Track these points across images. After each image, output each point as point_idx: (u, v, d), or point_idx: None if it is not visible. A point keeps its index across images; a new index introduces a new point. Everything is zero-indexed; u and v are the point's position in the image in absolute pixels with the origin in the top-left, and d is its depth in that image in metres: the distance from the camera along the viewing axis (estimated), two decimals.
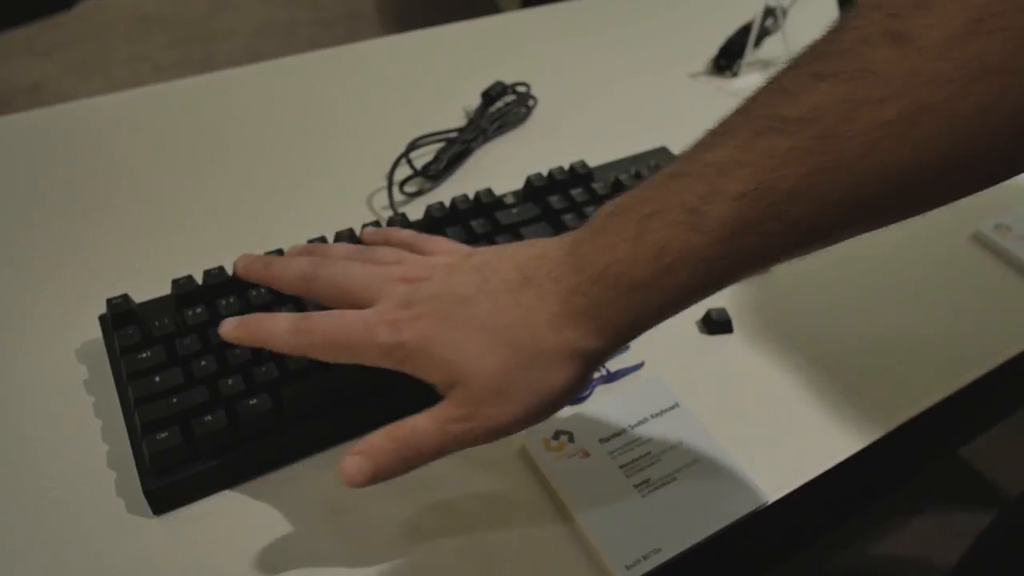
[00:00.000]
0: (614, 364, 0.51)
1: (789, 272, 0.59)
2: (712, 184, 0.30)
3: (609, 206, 0.35)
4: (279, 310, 0.48)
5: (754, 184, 0.29)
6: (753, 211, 0.29)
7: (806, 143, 0.28)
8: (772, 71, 0.31)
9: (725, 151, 0.30)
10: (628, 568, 0.40)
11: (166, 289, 0.50)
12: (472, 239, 0.54)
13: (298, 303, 0.49)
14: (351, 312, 0.38)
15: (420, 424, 0.35)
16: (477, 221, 0.55)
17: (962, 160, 0.27)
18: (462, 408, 0.34)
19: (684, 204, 0.31)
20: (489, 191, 0.57)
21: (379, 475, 0.35)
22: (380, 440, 0.35)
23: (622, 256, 0.32)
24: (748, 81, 0.82)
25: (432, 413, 0.35)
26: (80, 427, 0.46)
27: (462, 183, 0.66)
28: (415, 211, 0.62)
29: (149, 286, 0.51)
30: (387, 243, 0.45)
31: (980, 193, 0.34)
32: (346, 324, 0.37)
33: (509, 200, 0.58)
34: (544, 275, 0.35)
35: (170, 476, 0.41)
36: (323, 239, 0.52)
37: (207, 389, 0.44)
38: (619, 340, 0.35)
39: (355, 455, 0.35)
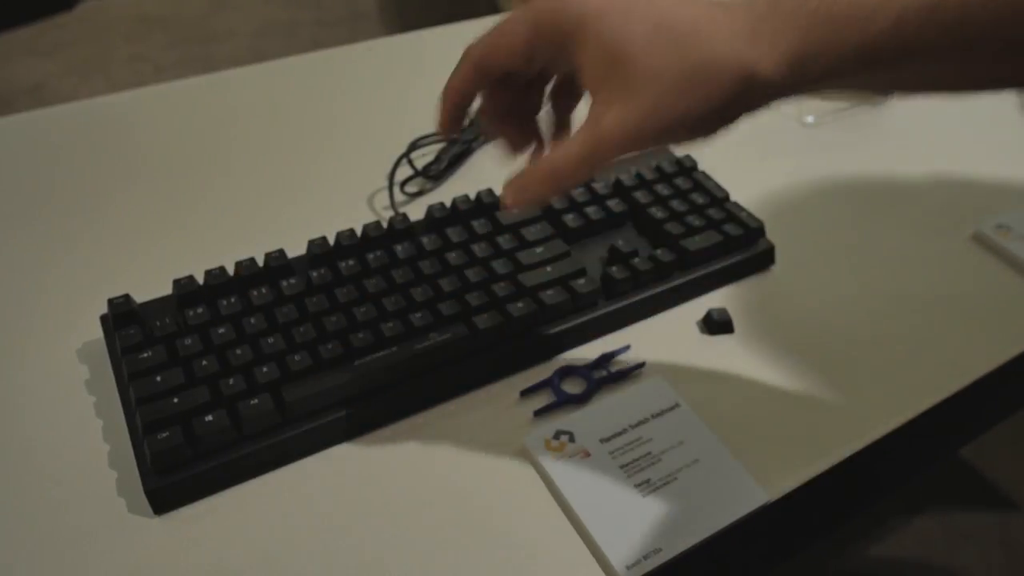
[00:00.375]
0: (615, 364, 0.51)
1: (789, 272, 0.59)
2: None
3: None
4: (281, 310, 0.48)
5: None
6: None
7: None
8: None
9: None
10: (629, 568, 0.40)
11: (167, 289, 0.50)
12: (473, 239, 0.54)
13: (300, 304, 0.49)
14: None
15: (571, 148, 0.34)
16: (478, 221, 0.55)
17: None
18: (615, 112, 0.33)
19: None
20: (490, 191, 0.57)
21: (534, 201, 0.37)
22: (531, 169, 0.36)
23: None
24: None
25: (579, 134, 0.34)
26: (81, 427, 0.46)
27: (463, 183, 0.67)
28: (416, 211, 0.62)
29: (150, 286, 0.51)
30: None
31: (981, 194, 0.34)
32: None
33: None
34: None
35: (171, 476, 0.42)
36: (324, 239, 0.53)
37: (208, 389, 0.44)
38: (790, 77, 0.32)
39: (509, 186, 0.37)
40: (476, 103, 0.40)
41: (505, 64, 0.36)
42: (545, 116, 0.42)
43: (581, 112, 0.37)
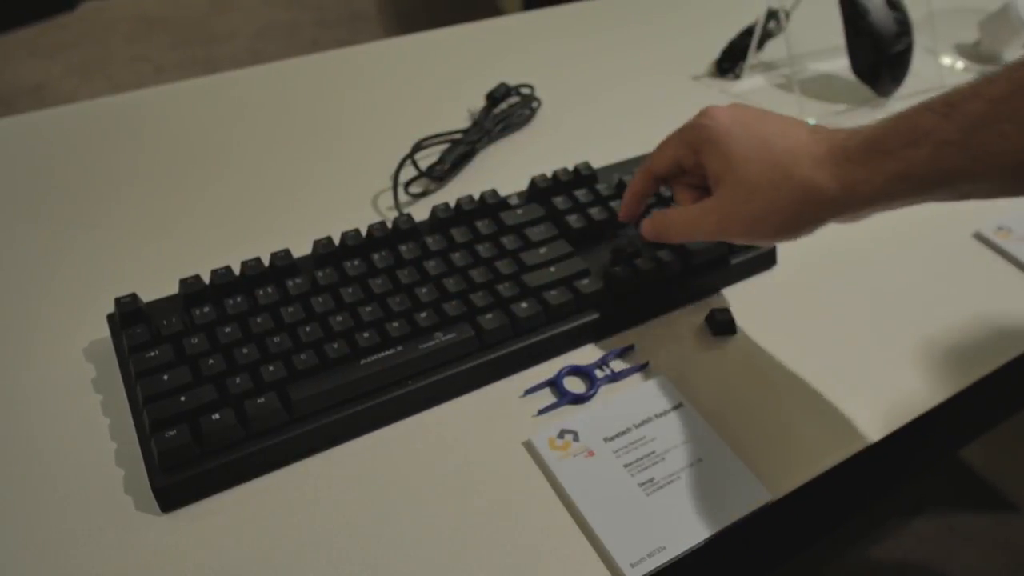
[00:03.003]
0: (619, 364, 0.51)
1: (791, 273, 0.59)
2: (976, 88, 0.37)
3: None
4: (287, 309, 0.48)
5: (1007, 89, 0.36)
6: (997, 111, 0.36)
7: None
8: (773, 74, 0.31)
9: (1000, 72, 0.37)
10: (633, 566, 0.40)
11: (174, 289, 0.50)
12: (477, 240, 0.55)
13: (306, 304, 0.49)
14: None
15: (682, 213, 0.48)
16: (482, 222, 0.56)
17: None
18: (713, 202, 0.46)
19: (947, 100, 0.38)
20: (494, 192, 0.58)
21: (653, 239, 0.51)
22: (657, 216, 0.50)
23: (883, 130, 0.40)
24: (750, 83, 0.83)
25: (692, 206, 0.47)
26: (88, 425, 0.46)
27: (467, 184, 0.67)
28: (420, 212, 0.62)
29: (157, 286, 0.52)
30: None
31: None
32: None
33: (514, 201, 0.58)
34: (829, 132, 0.44)
35: (178, 474, 0.42)
36: (329, 240, 0.53)
37: (215, 387, 0.44)
38: (845, 197, 0.41)
39: (645, 223, 0.51)
40: None
41: (665, 170, 0.51)
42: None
43: None
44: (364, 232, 0.54)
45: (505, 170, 0.69)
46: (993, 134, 0.36)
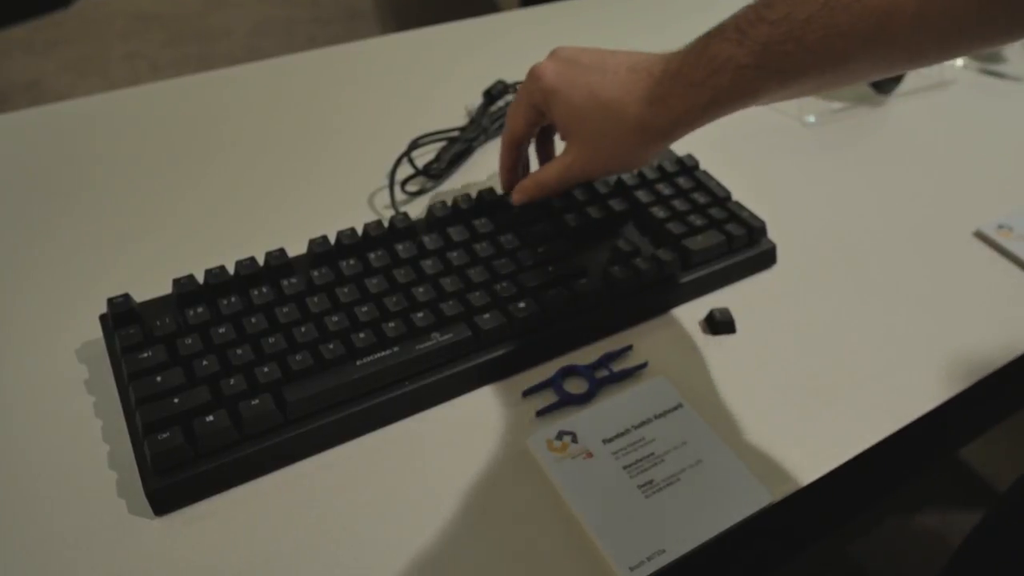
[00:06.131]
0: (618, 364, 0.51)
1: (791, 272, 0.58)
2: (759, 12, 0.43)
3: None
4: (281, 310, 0.48)
5: (784, 12, 0.41)
6: (780, 32, 0.42)
7: None
8: None
9: None
10: (632, 569, 0.40)
11: (167, 289, 0.50)
12: (474, 238, 0.54)
13: (301, 304, 0.49)
14: None
15: (549, 169, 0.55)
16: (479, 220, 0.55)
17: (931, 13, 0.38)
18: (570, 155, 0.53)
19: (737, 27, 0.44)
20: (491, 190, 0.57)
21: (528, 200, 0.56)
22: (526, 182, 0.56)
23: (690, 62, 0.46)
24: None
25: (556, 159, 0.55)
26: (81, 427, 0.46)
27: (464, 182, 0.66)
28: (417, 210, 0.62)
29: (150, 286, 0.51)
30: None
31: (982, 194, 0.34)
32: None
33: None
34: (644, 67, 0.49)
35: (172, 476, 0.41)
36: (325, 239, 0.52)
37: (208, 389, 0.44)
38: (676, 125, 0.48)
39: (515, 191, 0.56)
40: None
41: (522, 133, 0.56)
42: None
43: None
44: (360, 231, 0.53)
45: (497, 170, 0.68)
46: (779, 54, 0.42)
